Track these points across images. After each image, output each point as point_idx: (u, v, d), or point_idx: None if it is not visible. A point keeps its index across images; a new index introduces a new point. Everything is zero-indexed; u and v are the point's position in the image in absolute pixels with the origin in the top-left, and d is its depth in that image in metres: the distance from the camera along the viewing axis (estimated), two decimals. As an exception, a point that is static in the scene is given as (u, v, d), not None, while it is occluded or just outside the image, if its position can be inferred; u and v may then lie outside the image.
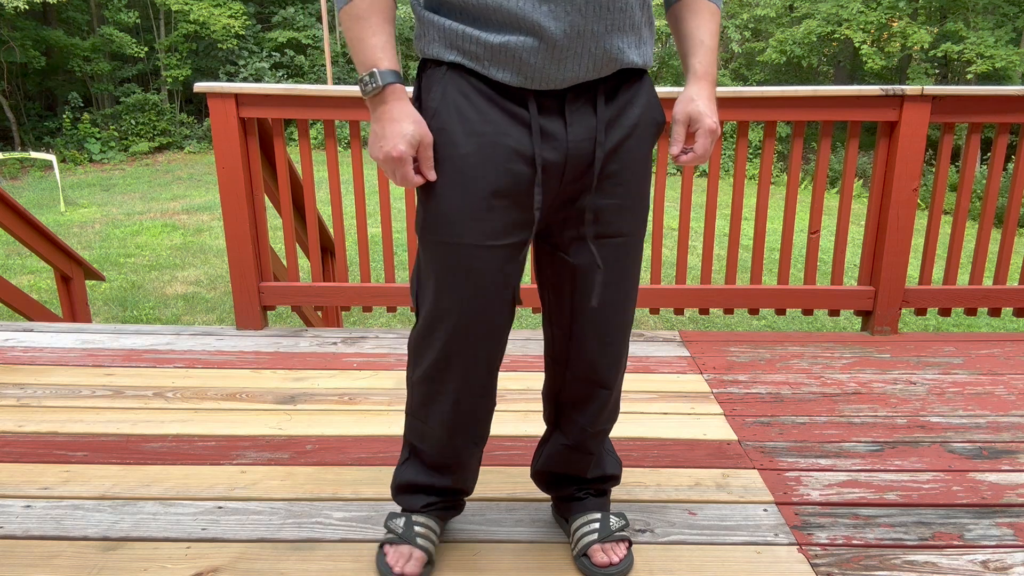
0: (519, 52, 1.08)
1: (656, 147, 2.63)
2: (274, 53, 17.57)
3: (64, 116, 15.37)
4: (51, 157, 11.62)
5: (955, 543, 1.46)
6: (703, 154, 1.19)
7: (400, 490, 1.39)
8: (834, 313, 2.79)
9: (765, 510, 1.57)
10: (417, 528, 1.35)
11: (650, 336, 2.64)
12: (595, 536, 1.37)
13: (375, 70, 1.08)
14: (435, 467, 1.35)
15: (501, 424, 1.96)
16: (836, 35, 15.03)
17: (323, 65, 17.40)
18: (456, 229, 1.14)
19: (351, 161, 2.61)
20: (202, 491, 1.63)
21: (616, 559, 1.36)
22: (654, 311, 2.75)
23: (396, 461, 1.75)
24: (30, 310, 3.21)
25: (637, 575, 1.36)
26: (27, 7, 13.76)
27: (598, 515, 1.40)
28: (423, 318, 1.23)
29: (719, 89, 2.51)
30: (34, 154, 12.22)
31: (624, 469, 1.73)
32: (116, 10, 16.10)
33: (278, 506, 1.57)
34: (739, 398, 2.13)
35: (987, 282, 7.14)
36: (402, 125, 1.09)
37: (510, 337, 2.62)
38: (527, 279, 2.85)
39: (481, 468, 1.74)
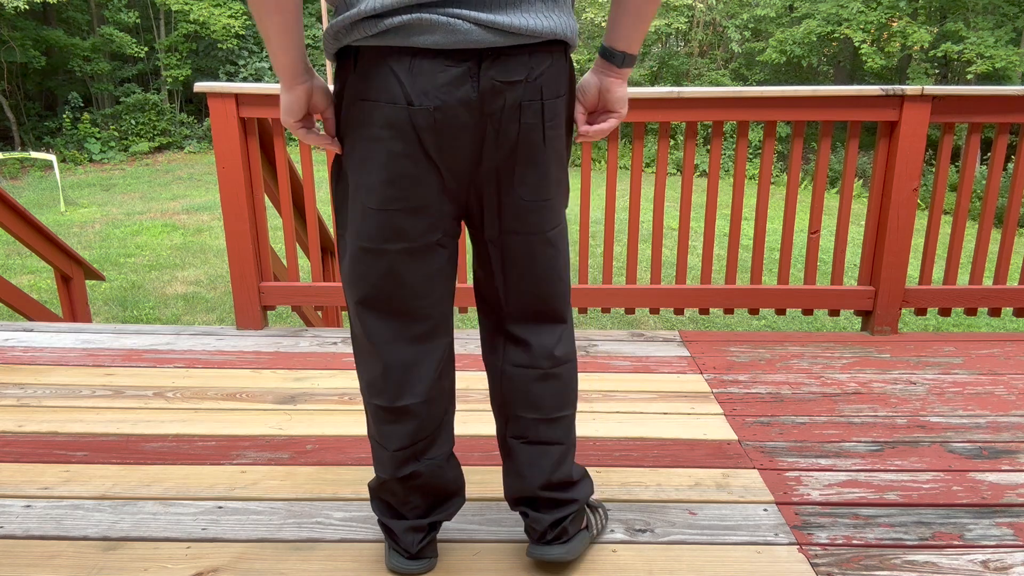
0: None
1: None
2: (274, 53, 17.55)
3: (64, 116, 15.36)
4: (51, 157, 11.62)
5: (955, 543, 1.46)
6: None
7: None
8: (834, 313, 2.79)
9: (765, 510, 1.57)
10: None
11: (650, 336, 2.64)
12: None
13: None
14: None
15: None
16: (836, 35, 15.02)
17: (323, 65, 17.39)
18: None
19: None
20: (202, 491, 1.63)
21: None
22: (654, 311, 2.75)
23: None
24: (30, 310, 3.21)
25: (637, 575, 1.37)
26: (27, 7, 13.75)
27: None
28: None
29: (720, 89, 2.51)
30: (34, 154, 12.22)
31: (624, 469, 1.73)
32: (116, 10, 16.10)
33: (278, 506, 1.57)
34: (739, 398, 2.13)
35: (987, 282, 7.14)
36: None
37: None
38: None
39: (481, 468, 1.74)
